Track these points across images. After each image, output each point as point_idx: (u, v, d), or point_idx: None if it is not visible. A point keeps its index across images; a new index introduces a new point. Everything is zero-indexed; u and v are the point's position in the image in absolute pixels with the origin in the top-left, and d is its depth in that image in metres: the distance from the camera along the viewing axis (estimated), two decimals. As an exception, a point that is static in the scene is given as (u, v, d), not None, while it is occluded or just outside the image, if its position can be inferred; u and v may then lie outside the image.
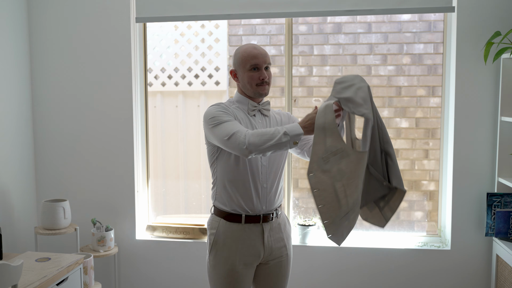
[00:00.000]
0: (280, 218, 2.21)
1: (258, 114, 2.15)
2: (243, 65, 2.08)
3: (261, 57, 2.07)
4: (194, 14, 3.24)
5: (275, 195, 2.15)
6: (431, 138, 3.29)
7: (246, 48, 2.10)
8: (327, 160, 1.79)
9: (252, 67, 2.07)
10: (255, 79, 2.08)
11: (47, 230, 3.10)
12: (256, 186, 2.10)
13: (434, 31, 3.24)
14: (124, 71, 3.34)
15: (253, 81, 2.08)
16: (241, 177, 2.08)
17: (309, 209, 3.46)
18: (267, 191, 2.12)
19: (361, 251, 3.27)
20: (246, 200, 2.09)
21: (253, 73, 2.07)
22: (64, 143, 3.46)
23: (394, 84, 3.29)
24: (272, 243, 2.15)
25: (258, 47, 2.10)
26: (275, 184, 2.14)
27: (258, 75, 2.07)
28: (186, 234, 3.41)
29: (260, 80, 2.08)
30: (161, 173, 3.56)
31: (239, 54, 2.11)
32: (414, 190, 3.34)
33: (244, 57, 2.08)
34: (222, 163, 2.10)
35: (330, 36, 3.31)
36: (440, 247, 3.25)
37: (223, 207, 2.12)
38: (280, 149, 1.90)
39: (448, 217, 3.26)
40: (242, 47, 2.12)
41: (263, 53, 2.08)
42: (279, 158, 2.15)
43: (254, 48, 2.09)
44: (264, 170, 2.10)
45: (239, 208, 2.10)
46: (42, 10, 3.39)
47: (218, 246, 2.11)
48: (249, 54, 2.07)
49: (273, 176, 2.13)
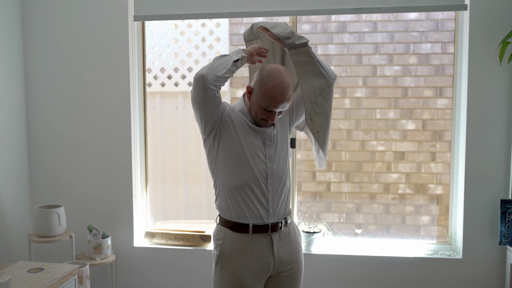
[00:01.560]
0: (290, 227, 2.12)
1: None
2: (261, 99, 1.97)
3: (281, 105, 1.96)
4: (195, 12, 3.19)
5: (282, 198, 2.07)
6: (439, 141, 3.25)
7: (276, 85, 1.94)
8: (319, 103, 2.07)
9: (267, 108, 1.98)
10: (263, 115, 2.00)
11: (41, 237, 3.07)
12: (261, 188, 2.01)
13: (442, 30, 3.21)
14: (122, 71, 3.30)
15: (260, 115, 2.01)
16: (244, 179, 1.99)
17: (314, 214, 3.39)
18: (273, 194, 2.03)
19: (368, 259, 3.21)
20: (251, 205, 2.00)
21: (264, 111, 1.99)
22: (59, 146, 3.43)
23: (400, 84, 3.26)
24: (282, 254, 2.07)
25: (286, 92, 1.94)
26: (281, 185, 2.05)
27: (267, 115, 1.99)
28: (186, 241, 3.36)
29: (266, 118, 2.01)
30: (160, 177, 3.53)
31: (265, 85, 1.96)
32: (420, 194, 3.29)
33: (267, 95, 1.94)
34: (222, 164, 2.01)
35: (334, 35, 3.28)
36: (451, 256, 3.18)
37: (228, 216, 2.05)
38: (228, 65, 1.94)
39: (459, 224, 3.19)
40: (274, 80, 1.95)
41: (285, 102, 1.96)
42: (283, 155, 2.07)
43: (282, 93, 1.93)
44: (270, 171, 2.02)
45: (245, 216, 2.02)
46: (36, 7, 3.37)
47: (225, 258, 2.03)
48: (272, 97, 1.94)
49: (279, 176, 2.05)
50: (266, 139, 2.04)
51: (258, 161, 2.00)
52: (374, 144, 3.29)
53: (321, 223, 3.38)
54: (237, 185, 2.00)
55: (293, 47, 2.04)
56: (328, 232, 3.36)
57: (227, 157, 2.00)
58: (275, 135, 2.06)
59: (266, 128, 2.05)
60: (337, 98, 3.30)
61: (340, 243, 3.38)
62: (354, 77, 3.27)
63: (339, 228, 3.37)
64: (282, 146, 2.08)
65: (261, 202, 2.01)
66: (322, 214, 3.35)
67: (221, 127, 2.01)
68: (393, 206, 3.30)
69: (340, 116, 3.31)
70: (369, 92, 3.27)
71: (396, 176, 3.29)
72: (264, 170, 2.01)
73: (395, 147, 3.28)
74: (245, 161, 1.99)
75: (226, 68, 1.93)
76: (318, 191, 3.35)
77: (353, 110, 3.30)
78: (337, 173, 3.32)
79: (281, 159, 2.06)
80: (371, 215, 3.32)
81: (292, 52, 2.04)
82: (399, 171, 3.28)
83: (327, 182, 3.34)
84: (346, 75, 3.27)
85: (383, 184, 3.30)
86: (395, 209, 3.30)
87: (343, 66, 3.29)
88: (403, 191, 3.28)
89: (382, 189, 3.30)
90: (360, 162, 3.30)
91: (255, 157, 2.00)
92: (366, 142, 3.29)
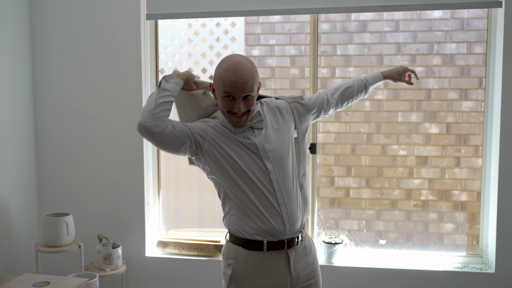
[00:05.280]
0: (306, 241, 2.02)
1: (249, 131, 1.93)
2: (218, 87, 1.85)
3: (239, 87, 1.80)
4: (210, 10, 3.17)
5: (296, 209, 1.95)
6: (464, 145, 3.23)
7: (227, 67, 1.81)
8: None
9: (226, 95, 1.84)
10: (228, 107, 1.85)
11: (49, 247, 3.07)
12: (271, 203, 1.89)
13: (468, 30, 3.21)
14: (134, 72, 3.30)
15: (225, 109, 1.86)
16: (252, 196, 1.88)
17: (332, 220, 3.34)
18: (287, 207, 1.92)
19: (393, 272, 3.13)
20: (265, 221, 1.89)
21: (227, 102, 1.84)
22: (68, 152, 3.43)
23: (423, 86, 3.25)
24: (299, 271, 1.96)
25: (239, 70, 1.80)
26: (293, 196, 1.94)
27: (232, 105, 1.84)
28: (201, 251, 3.34)
29: (233, 110, 1.85)
30: (173, 183, 3.53)
31: (218, 72, 1.85)
32: (444, 201, 3.27)
33: (221, 80, 1.82)
34: (225, 182, 1.91)
35: (354, 35, 3.29)
36: (482, 270, 3.10)
37: (240, 233, 1.93)
38: (156, 95, 1.86)
39: (491, 235, 3.11)
40: (224, 63, 1.84)
41: (242, 81, 1.80)
42: (289, 164, 1.95)
43: (234, 72, 1.80)
44: (276, 184, 1.90)
45: (258, 233, 1.90)
46: (44, 7, 3.36)
47: (238, 279, 1.92)
48: (225, 78, 1.81)
49: (288, 188, 1.93)
50: (260, 152, 1.90)
51: (260, 176, 1.89)
52: (395, 148, 3.26)
53: (342, 233, 3.33)
54: (247, 202, 1.89)
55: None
56: (350, 243, 3.28)
57: (228, 177, 1.89)
58: (269, 144, 1.92)
59: (253, 140, 1.92)
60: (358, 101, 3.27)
61: (362, 254, 3.32)
62: (375, 78, 3.26)
63: (360, 237, 3.33)
64: (285, 154, 1.95)
65: (274, 217, 1.90)
66: (341, 221, 3.34)
67: (208, 156, 1.90)
68: (415, 213, 3.27)
69: (360, 119, 3.29)
70: (390, 94, 3.27)
71: (418, 182, 3.26)
72: (269, 184, 1.89)
73: (418, 151, 3.25)
74: (247, 178, 1.87)
75: (155, 98, 1.84)
76: (337, 197, 3.34)
77: (373, 113, 3.28)
78: (357, 179, 3.31)
79: (286, 169, 1.93)
80: (392, 223, 3.30)
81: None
82: (422, 177, 3.25)
83: (346, 188, 3.33)
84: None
85: (404, 190, 3.27)
86: (417, 217, 3.28)
87: (363, 67, 3.28)
88: (425, 198, 3.26)
89: (404, 196, 3.28)
90: (380, 167, 3.28)
91: (256, 172, 1.88)
92: (387, 146, 3.27)
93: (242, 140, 1.90)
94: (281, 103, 2.04)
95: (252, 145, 1.90)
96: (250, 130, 1.93)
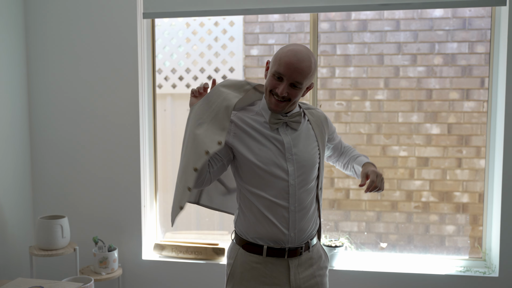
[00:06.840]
0: (314, 251, 1.95)
1: (283, 127, 1.90)
2: (273, 64, 1.85)
3: (291, 71, 1.79)
4: (207, 9, 3.16)
5: (307, 220, 1.90)
6: (465, 146, 3.22)
7: (291, 49, 1.82)
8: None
9: (276, 74, 1.82)
10: (272, 85, 1.84)
11: (43, 250, 3.06)
12: (281, 209, 1.85)
13: (470, 29, 3.20)
14: (130, 72, 3.29)
15: (268, 87, 1.85)
16: (262, 197, 1.85)
17: (332, 222, 3.32)
18: (296, 215, 1.86)
19: (394, 276, 3.11)
20: (271, 226, 1.85)
21: (273, 80, 1.83)
22: (63, 153, 3.42)
23: (424, 86, 3.24)
24: (300, 282, 1.91)
25: (301, 58, 1.80)
26: (307, 205, 1.88)
27: (276, 85, 1.83)
28: (198, 254, 3.34)
29: (275, 90, 1.83)
30: (171, 185, 3.50)
31: (281, 49, 1.86)
32: (445, 202, 3.25)
33: (279, 57, 1.82)
34: (240, 179, 1.90)
35: (354, 35, 3.28)
36: (485, 273, 3.08)
37: (243, 234, 1.91)
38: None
39: (495, 238, 3.09)
40: (291, 46, 1.84)
41: (298, 67, 1.79)
42: (311, 172, 1.90)
43: (295, 55, 1.80)
44: (292, 190, 1.85)
45: (260, 237, 1.87)
46: (39, 5, 3.35)
47: (235, 280, 1.91)
48: (283, 58, 1.81)
49: (303, 196, 1.87)
50: (286, 151, 1.87)
51: (277, 175, 1.85)
52: (396, 149, 3.26)
53: (343, 235, 3.31)
54: (256, 202, 1.86)
55: None
56: (350, 246, 3.27)
57: (246, 172, 1.87)
58: (296, 148, 1.89)
59: (283, 137, 1.89)
60: (357, 101, 3.28)
61: (363, 258, 3.30)
62: (375, 78, 3.26)
63: (361, 240, 3.31)
64: (311, 163, 1.90)
65: (281, 224, 1.86)
66: (340, 223, 3.32)
67: (233, 148, 1.91)
68: (416, 215, 3.26)
69: (360, 119, 3.28)
70: (391, 94, 3.25)
71: (419, 183, 3.25)
72: (284, 188, 1.84)
73: (419, 152, 3.24)
74: (262, 177, 1.84)
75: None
76: (337, 199, 3.33)
77: (374, 113, 3.27)
78: (357, 180, 3.29)
79: (308, 178, 1.89)
80: (392, 224, 3.29)
81: None
82: (423, 178, 3.24)
83: (346, 189, 3.31)
84: (367, 76, 3.27)
85: (405, 191, 3.27)
86: (418, 218, 3.27)
87: (363, 67, 3.28)
88: (426, 199, 3.25)
89: (404, 197, 3.27)
90: (381, 168, 3.27)
91: (274, 169, 1.84)
92: (387, 147, 3.27)
93: (270, 133, 1.87)
94: (326, 116, 2.07)
95: (280, 141, 1.87)
96: (284, 126, 1.90)
